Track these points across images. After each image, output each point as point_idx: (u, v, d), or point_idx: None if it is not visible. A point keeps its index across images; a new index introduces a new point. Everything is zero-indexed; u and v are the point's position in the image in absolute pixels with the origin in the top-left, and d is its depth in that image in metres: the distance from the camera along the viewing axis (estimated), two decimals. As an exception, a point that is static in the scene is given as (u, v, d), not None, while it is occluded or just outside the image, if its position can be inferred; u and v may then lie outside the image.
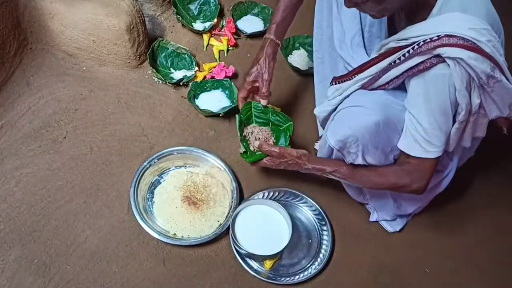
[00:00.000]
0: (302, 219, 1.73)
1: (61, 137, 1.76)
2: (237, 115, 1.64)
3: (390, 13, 1.35)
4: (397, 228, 1.74)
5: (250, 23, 2.19)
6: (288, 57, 2.11)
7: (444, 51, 1.22)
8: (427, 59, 1.25)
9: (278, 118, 1.71)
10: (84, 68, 1.94)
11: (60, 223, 1.57)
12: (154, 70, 1.92)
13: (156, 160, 1.71)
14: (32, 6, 1.83)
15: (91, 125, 1.80)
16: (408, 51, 1.29)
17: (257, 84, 1.64)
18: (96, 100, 1.87)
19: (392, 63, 1.34)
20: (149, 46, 1.98)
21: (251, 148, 1.63)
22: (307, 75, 2.07)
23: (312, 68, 2.06)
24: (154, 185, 1.70)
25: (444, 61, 1.23)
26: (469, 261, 1.73)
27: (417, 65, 1.28)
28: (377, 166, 1.48)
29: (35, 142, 1.73)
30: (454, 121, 1.34)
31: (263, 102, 1.65)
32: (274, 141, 1.68)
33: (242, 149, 1.62)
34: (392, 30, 1.49)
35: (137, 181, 1.66)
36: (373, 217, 1.75)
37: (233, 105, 1.88)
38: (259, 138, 1.64)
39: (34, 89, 1.85)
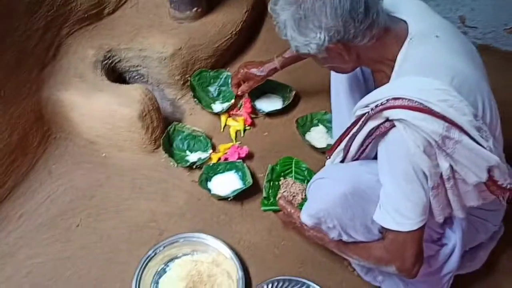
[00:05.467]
0: (313, 312, 1.61)
1: (74, 225, 1.79)
2: (270, 165, 1.87)
3: (346, 73, 1.42)
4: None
5: (268, 101, 2.18)
6: (305, 135, 2.05)
7: (389, 114, 1.18)
8: (381, 123, 1.21)
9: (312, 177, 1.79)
10: (104, 154, 2.00)
11: (64, 316, 1.57)
12: (167, 155, 1.94)
13: (161, 248, 1.69)
14: (54, 99, 1.94)
15: (104, 212, 1.83)
16: (366, 117, 1.26)
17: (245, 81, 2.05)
18: (112, 187, 1.90)
19: (356, 131, 1.31)
20: (165, 130, 2.01)
21: (277, 198, 1.77)
22: (325, 152, 1.99)
23: (331, 145, 2.01)
24: (159, 274, 1.67)
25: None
26: None
27: (373, 130, 1.24)
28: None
29: (49, 231, 1.77)
30: None
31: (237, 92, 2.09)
32: (303, 197, 1.78)
33: (264, 194, 1.80)
34: None
35: (141, 272, 1.63)
36: None
37: (245, 187, 1.84)
38: (290, 192, 1.79)
39: (54, 178, 1.92)
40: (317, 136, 2.06)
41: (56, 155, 1.99)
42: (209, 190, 1.86)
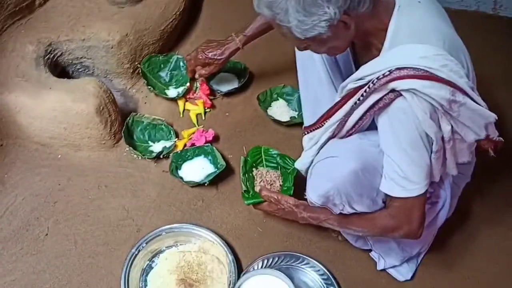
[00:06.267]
0: (308, 283, 1.63)
1: (43, 235, 1.67)
2: (242, 157, 1.75)
3: (342, 51, 1.34)
4: (408, 276, 1.63)
5: (224, 81, 2.13)
6: (268, 110, 2.04)
7: (397, 85, 1.18)
8: (385, 95, 1.22)
9: (286, 161, 1.79)
10: (60, 156, 1.87)
11: (51, 332, 1.47)
12: (130, 148, 1.85)
13: (144, 244, 1.62)
14: (-3, 103, 1.78)
15: (72, 217, 1.72)
16: (365, 90, 1.25)
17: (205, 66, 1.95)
18: (75, 189, 1.79)
19: (354, 105, 1.31)
20: (123, 123, 1.91)
21: (256, 190, 1.68)
22: (289, 125, 2.00)
23: (294, 117, 2.02)
24: (146, 271, 1.60)
25: (402, 95, 1.19)
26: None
27: (376, 103, 1.24)
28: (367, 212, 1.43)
29: (17, 245, 1.64)
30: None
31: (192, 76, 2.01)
32: (281, 184, 1.72)
33: (243, 188, 1.68)
34: (358, 68, 1.45)
35: (127, 271, 1.55)
36: (380, 265, 1.65)
37: (219, 171, 1.80)
38: (266, 181, 1.71)
39: (9, 188, 1.77)
40: (279, 111, 2.05)
41: (6, 164, 1.83)
42: (182, 178, 1.80)
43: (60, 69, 2.02)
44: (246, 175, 1.73)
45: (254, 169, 1.77)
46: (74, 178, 1.82)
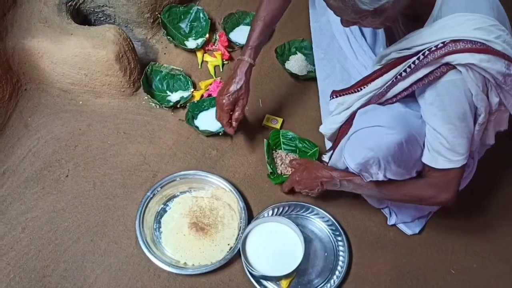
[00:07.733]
0: (315, 232, 1.67)
1: (63, 176, 1.74)
2: (265, 140, 1.78)
3: (392, 22, 1.25)
4: (416, 230, 1.66)
5: (243, 34, 2.11)
6: (285, 64, 2.04)
7: (453, 59, 1.12)
8: (436, 68, 1.16)
9: (305, 145, 1.83)
10: (81, 102, 1.92)
11: (69, 265, 1.56)
12: (149, 96, 1.89)
13: (159, 189, 1.68)
14: (20, 48, 1.82)
15: (92, 160, 1.78)
16: (414, 62, 1.19)
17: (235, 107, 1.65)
18: (95, 134, 1.85)
19: (399, 76, 1.25)
20: (142, 72, 1.94)
21: (278, 171, 1.76)
22: (306, 80, 2.00)
23: (311, 71, 2.02)
24: (160, 214, 1.67)
25: (455, 67, 1.14)
26: (496, 257, 1.64)
27: (426, 76, 1.18)
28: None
29: (38, 185, 1.71)
30: (475, 122, 1.24)
31: (234, 127, 1.66)
32: None
33: (269, 170, 1.74)
34: (390, 35, 1.39)
35: (142, 213, 1.62)
36: (391, 220, 1.67)
37: (233, 122, 1.83)
38: (286, 164, 1.78)
39: (32, 130, 1.84)
40: (297, 65, 2.05)
41: (30, 108, 1.89)
42: (197, 127, 1.84)
43: (82, 17, 2.05)
44: (270, 158, 1.77)
45: (273, 151, 1.81)
46: (94, 123, 1.88)
